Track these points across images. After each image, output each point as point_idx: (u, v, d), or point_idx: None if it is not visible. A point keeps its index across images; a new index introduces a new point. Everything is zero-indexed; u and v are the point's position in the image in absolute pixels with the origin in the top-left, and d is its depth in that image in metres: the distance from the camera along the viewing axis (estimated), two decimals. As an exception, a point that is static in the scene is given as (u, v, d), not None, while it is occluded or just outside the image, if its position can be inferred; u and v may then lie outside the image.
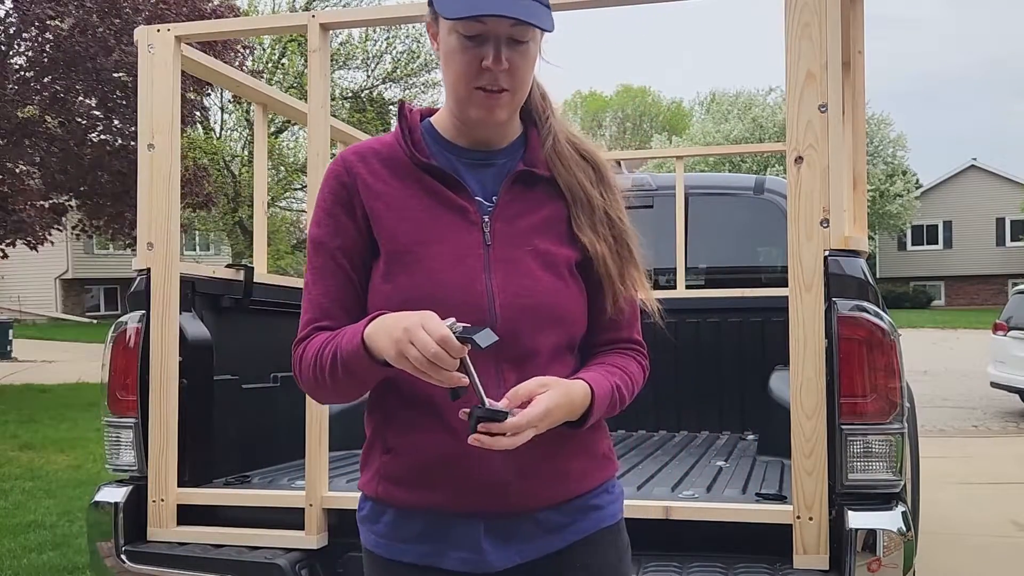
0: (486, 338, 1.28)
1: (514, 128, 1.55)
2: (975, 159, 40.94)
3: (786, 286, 2.33)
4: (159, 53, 2.86)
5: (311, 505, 2.66)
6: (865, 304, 2.36)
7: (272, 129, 23.13)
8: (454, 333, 1.26)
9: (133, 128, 12.21)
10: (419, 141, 1.53)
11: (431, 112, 1.59)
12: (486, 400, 1.31)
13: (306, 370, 1.47)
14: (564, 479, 1.51)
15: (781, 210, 3.94)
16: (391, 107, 25.51)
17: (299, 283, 3.67)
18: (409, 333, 1.26)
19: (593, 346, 1.58)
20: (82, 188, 14.02)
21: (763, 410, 3.61)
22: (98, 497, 2.84)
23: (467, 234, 1.48)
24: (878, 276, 34.25)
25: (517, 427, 1.31)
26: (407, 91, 26.11)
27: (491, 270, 1.47)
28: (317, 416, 2.69)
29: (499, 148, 1.54)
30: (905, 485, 2.45)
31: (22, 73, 13.13)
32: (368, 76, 25.93)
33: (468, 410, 1.31)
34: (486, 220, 1.49)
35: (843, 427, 2.31)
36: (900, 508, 2.34)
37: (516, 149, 1.55)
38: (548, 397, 1.36)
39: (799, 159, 2.31)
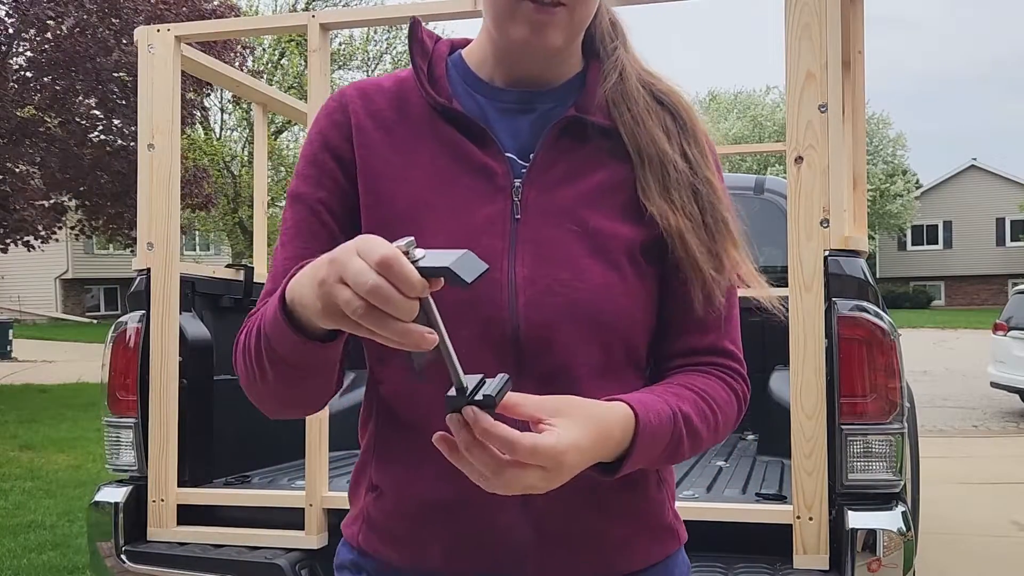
0: (468, 267, 0.79)
1: (572, 64, 1.14)
2: (975, 159, 40.99)
3: (786, 286, 2.33)
4: (159, 53, 2.86)
5: (311, 505, 2.66)
6: (865, 304, 2.36)
7: (272, 129, 23.15)
8: (411, 260, 0.78)
9: (133, 128, 12.22)
10: (441, 77, 1.13)
11: (464, 44, 1.19)
12: (462, 377, 0.84)
13: (237, 361, 1.06)
14: (602, 548, 1.09)
15: (781, 210, 3.93)
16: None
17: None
18: (338, 266, 0.80)
19: (664, 358, 1.15)
20: (82, 188, 14.03)
21: (763, 410, 3.60)
22: (98, 497, 2.84)
23: (489, 203, 1.07)
24: (878, 276, 34.25)
25: (500, 436, 0.84)
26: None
27: (516, 254, 1.05)
28: (317, 416, 2.69)
29: (547, 89, 1.13)
30: (905, 485, 2.45)
31: (22, 73, 13.14)
32: (367, 76, 25.96)
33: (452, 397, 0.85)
34: (517, 185, 1.08)
35: (843, 427, 2.31)
36: (900, 508, 2.34)
37: (570, 91, 1.13)
38: (567, 431, 0.89)
39: (799, 159, 2.31)
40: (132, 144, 12.59)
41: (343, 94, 1.14)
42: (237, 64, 16.02)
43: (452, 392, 0.84)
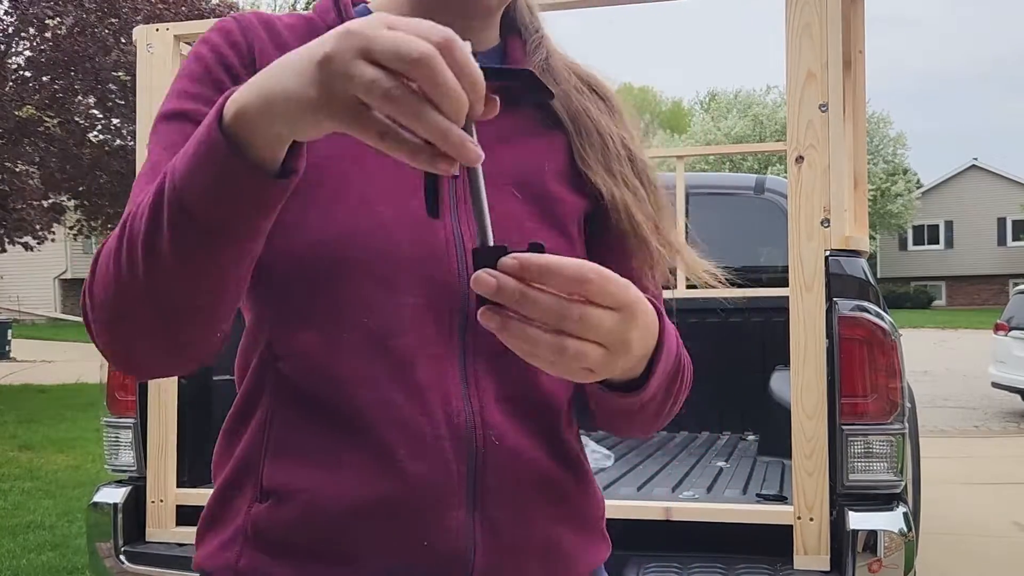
0: (528, 79, 0.67)
1: (491, 36, 1.02)
2: (976, 159, 40.99)
3: (787, 286, 2.33)
4: (158, 53, 2.85)
5: (310, 506, 2.65)
6: (866, 304, 2.36)
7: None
8: None
9: (132, 128, 12.21)
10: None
11: None
12: (490, 235, 0.67)
13: (103, 263, 0.77)
14: (552, 556, 0.94)
15: (782, 210, 3.93)
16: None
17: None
18: (358, 38, 0.60)
19: None
20: (81, 188, 14.04)
21: (764, 410, 3.60)
22: (97, 498, 2.83)
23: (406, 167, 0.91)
24: (879, 276, 34.26)
25: (567, 273, 0.66)
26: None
27: (460, 213, 0.90)
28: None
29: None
30: (906, 486, 2.44)
31: (21, 73, 13.15)
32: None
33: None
34: None
35: (844, 427, 2.31)
36: (901, 509, 2.34)
37: (491, 61, 1.00)
38: (595, 267, 0.68)
39: (800, 159, 2.30)
40: (131, 144, 12.59)
41: (243, 18, 0.95)
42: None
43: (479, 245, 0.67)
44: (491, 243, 0.66)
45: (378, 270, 0.85)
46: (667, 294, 1.08)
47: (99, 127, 13.93)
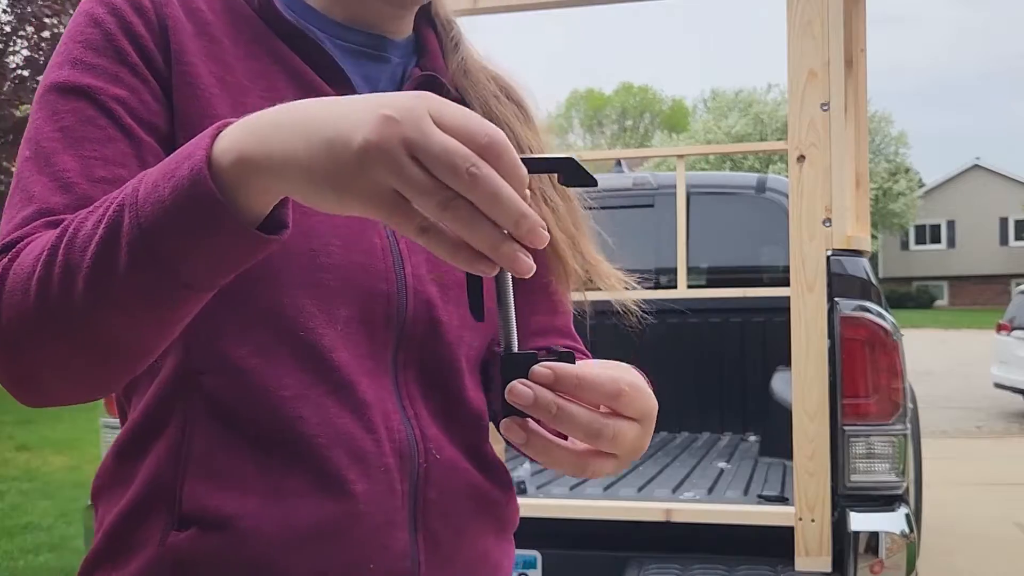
0: (570, 167, 0.63)
1: (407, 23, 0.95)
2: (978, 158, 41.00)
3: (788, 286, 2.31)
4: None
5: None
6: (868, 304, 2.35)
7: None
8: None
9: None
10: None
11: None
12: (515, 340, 0.65)
13: (16, 285, 0.67)
14: (483, 565, 0.90)
15: (783, 209, 3.92)
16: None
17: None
18: (404, 127, 0.55)
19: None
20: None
21: (765, 411, 3.59)
22: (94, 499, 2.82)
23: None
24: (881, 276, 34.26)
25: (604, 389, 0.66)
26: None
27: None
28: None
29: (389, 40, 0.93)
30: (908, 486, 2.43)
31: (19, 72, 13.15)
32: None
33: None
34: None
35: (845, 428, 2.30)
36: (903, 510, 2.33)
37: (408, 51, 0.95)
38: (628, 377, 0.70)
39: (801, 158, 2.29)
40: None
41: None
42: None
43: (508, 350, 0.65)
44: (515, 348, 0.64)
45: (311, 279, 0.78)
46: (664, 295, 1.11)
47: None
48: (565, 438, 0.68)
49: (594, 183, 0.63)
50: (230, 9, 0.85)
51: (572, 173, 0.63)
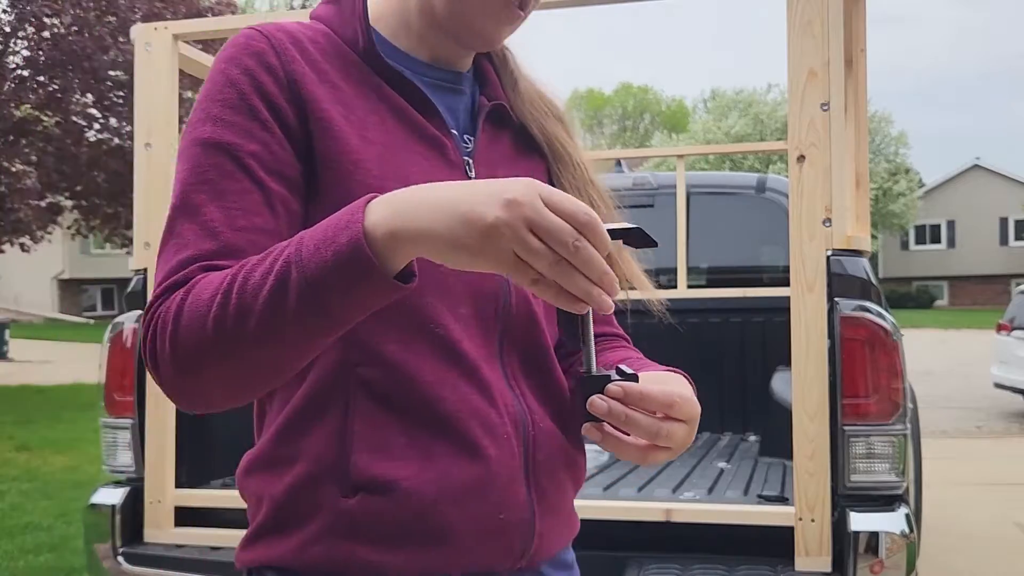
0: (639, 235, 0.86)
1: (471, 59, 1.13)
2: (978, 158, 40.98)
3: (788, 286, 2.31)
4: (156, 51, 2.84)
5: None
6: (868, 304, 2.35)
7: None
8: None
9: (130, 127, 12.22)
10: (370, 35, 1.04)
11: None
12: (594, 363, 0.90)
13: (194, 320, 0.84)
14: (568, 513, 1.11)
15: (783, 209, 3.92)
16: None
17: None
18: (525, 210, 0.75)
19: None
20: (78, 187, 14.02)
21: (765, 411, 3.59)
22: (95, 499, 2.83)
23: (448, 176, 1.01)
24: (881, 276, 34.23)
25: (659, 399, 0.89)
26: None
27: None
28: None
29: (461, 74, 1.11)
30: (908, 487, 2.43)
31: (18, 72, 13.14)
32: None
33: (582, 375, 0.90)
34: (469, 163, 1.05)
35: (845, 428, 2.30)
36: (903, 510, 2.33)
37: (472, 81, 1.13)
38: (679, 390, 0.93)
39: (801, 158, 2.29)
40: (129, 143, 12.58)
41: (271, 35, 0.98)
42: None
43: (585, 373, 0.89)
44: (595, 370, 0.89)
45: (441, 286, 0.97)
46: (664, 295, 1.26)
47: (97, 126, 13.91)
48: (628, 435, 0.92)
49: (655, 244, 0.85)
50: (339, 56, 1.01)
51: (639, 239, 0.85)
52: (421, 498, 0.94)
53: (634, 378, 0.88)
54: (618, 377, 0.88)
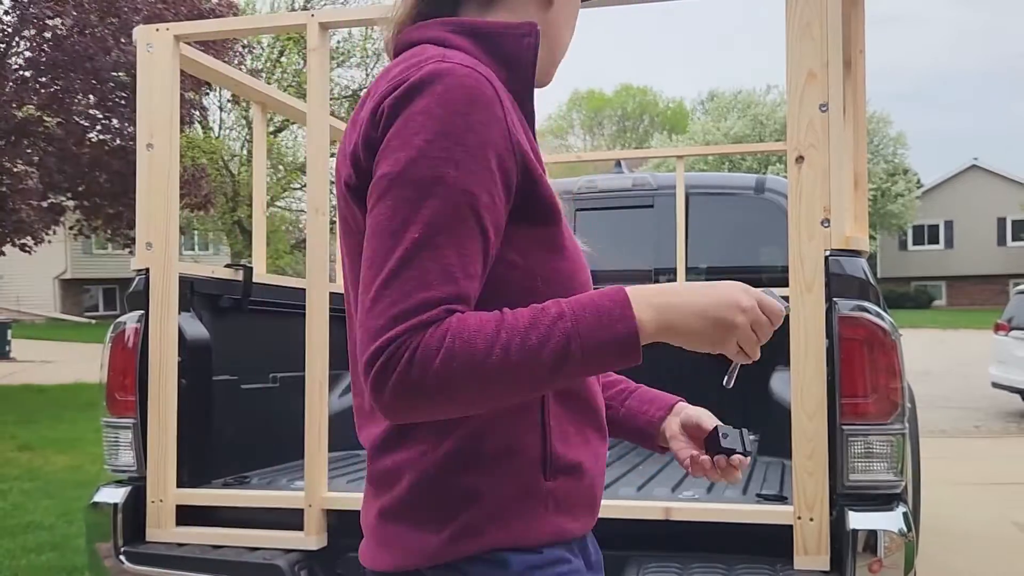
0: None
1: None
2: (976, 159, 40.95)
3: (787, 286, 2.32)
4: (158, 52, 2.85)
5: (310, 506, 2.65)
6: (866, 304, 2.36)
7: (271, 128, 23.12)
8: None
9: (132, 128, 12.20)
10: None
11: None
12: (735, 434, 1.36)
13: (468, 364, 0.98)
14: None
15: (782, 209, 3.93)
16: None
17: (299, 283, 3.65)
18: (753, 314, 1.08)
19: None
20: (80, 188, 14.01)
21: (764, 410, 3.60)
22: (97, 498, 2.83)
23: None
24: (879, 276, 34.22)
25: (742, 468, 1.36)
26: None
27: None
28: (317, 416, 2.68)
29: None
30: (906, 486, 2.44)
31: (20, 73, 13.12)
32: (367, 74, 25.79)
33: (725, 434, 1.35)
34: None
35: (844, 428, 2.31)
36: (901, 509, 2.33)
37: None
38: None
39: (800, 158, 2.30)
40: (131, 144, 12.55)
41: (493, 84, 1.08)
42: (236, 63, 16.00)
43: (723, 434, 1.35)
44: (727, 433, 1.36)
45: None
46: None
47: (99, 127, 13.89)
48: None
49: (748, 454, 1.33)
50: (507, 92, 1.11)
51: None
52: (592, 475, 1.21)
53: (748, 455, 1.33)
54: (740, 451, 1.32)
